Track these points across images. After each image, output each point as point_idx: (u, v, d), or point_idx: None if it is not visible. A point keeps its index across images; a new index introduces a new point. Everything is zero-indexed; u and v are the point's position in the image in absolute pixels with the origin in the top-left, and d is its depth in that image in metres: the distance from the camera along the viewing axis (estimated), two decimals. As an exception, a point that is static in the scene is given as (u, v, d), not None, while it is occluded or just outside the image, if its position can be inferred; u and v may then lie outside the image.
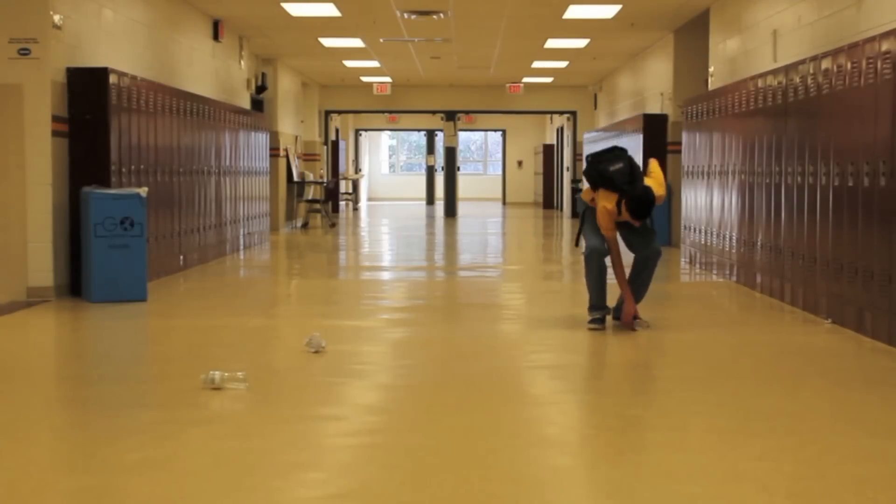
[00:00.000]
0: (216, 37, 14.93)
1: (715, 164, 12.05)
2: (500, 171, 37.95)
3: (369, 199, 37.39)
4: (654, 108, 17.22)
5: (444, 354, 7.14)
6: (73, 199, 9.67)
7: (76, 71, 9.75)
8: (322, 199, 22.32)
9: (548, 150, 31.39)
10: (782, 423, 5.16)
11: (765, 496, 4.00)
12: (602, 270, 8.05)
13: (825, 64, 8.44)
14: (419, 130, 36.72)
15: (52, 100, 9.45)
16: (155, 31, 12.25)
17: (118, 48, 10.97)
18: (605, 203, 7.84)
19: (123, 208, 9.30)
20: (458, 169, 28.54)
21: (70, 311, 8.97)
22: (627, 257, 8.15)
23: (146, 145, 10.84)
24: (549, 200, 31.24)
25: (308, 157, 23.40)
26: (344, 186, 30.04)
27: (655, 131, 16.41)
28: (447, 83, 25.84)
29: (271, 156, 18.25)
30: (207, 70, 14.60)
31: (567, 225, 23.07)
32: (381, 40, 17.61)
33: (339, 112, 28.14)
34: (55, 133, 9.51)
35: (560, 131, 29.49)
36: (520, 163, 36.91)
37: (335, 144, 27.87)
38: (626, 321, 7.91)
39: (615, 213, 7.83)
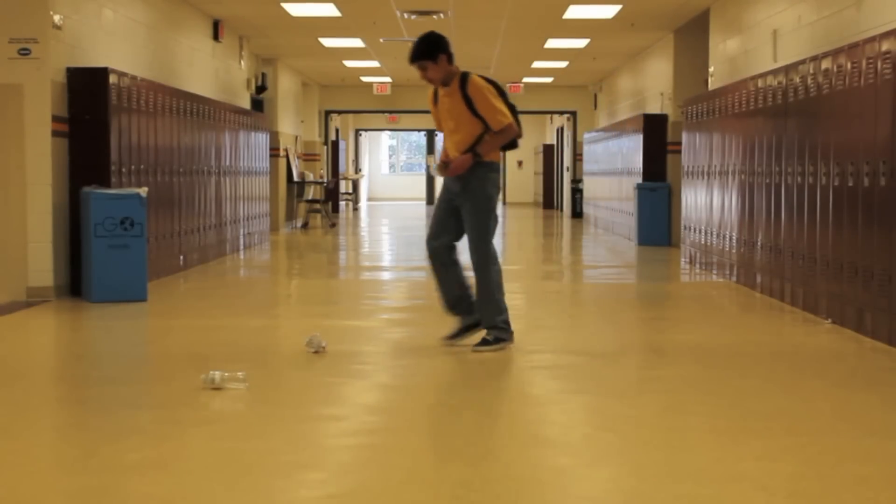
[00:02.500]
0: (216, 37, 14.93)
1: (715, 164, 12.05)
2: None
3: (369, 200, 37.39)
4: (654, 108, 17.22)
5: (443, 354, 7.13)
6: (73, 199, 9.67)
7: (76, 71, 9.75)
8: (322, 199, 22.33)
9: (548, 150, 31.39)
10: (782, 423, 5.16)
11: (765, 496, 4.00)
12: (438, 270, 7.03)
13: (825, 64, 8.44)
14: (419, 130, 36.73)
15: (52, 100, 9.44)
16: (155, 31, 12.25)
17: (118, 48, 10.97)
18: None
19: (123, 208, 9.30)
20: (458, 169, 28.47)
21: (70, 311, 8.97)
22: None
23: (146, 145, 10.84)
24: (549, 200, 31.24)
25: (308, 157, 23.40)
26: (344, 186, 30.04)
27: (655, 131, 16.42)
28: (447, 83, 25.79)
29: (271, 156, 18.25)
30: (207, 70, 14.60)
31: (567, 225, 23.07)
32: (381, 40, 17.61)
33: (339, 112, 28.13)
34: (55, 133, 9.51)
35: (560, 131, 29.49)
36: (520, 163, 36.91)
37: (335, 144, 27.87)
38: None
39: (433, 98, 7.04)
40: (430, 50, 6.79)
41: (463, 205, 6.82)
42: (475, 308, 6.94)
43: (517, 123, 6.86)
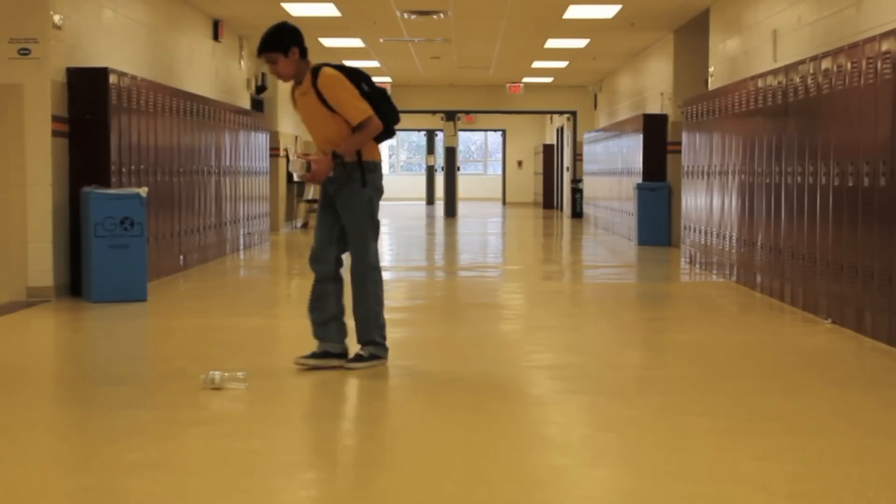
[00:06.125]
0: (216, 37, 14.93)
1: (715, 164, 12.06)
2: (500, 171, 37.96)
3: (369, 199, 37.33)
4: (654, 108, 17.22)
5: (444, 354, 7.13)
6: (73, 199, 9.67)
7: (76, 71, 9.75)
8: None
9: (548, 150, 31.40)
10: (782, 423, 5.16)
11: (765, 496, 4.00)
12: (318, 288, 6.32)
13: (825, 64, 8.44)
14: (419, 130, 36.72)
15: (52, 100, 9.44)
16: (155, 31, 12.25)
17: (118, 48, 10.97)
18: None
19: (123, 208, 9.30)
20: (458, 169, 28.54)
21: (70, 311, 8.96)
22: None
23: (146, 145, 10.84)
24: (549, 200, 31.25)
25: (308, 158, 23.39)
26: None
27: (655, 131, 16.42)
28: (447, 83, 25.84)
29: (271, 156, 18.25)
30: (207, 70, 14.59)
31: (567, 225, 23.07)
32: (381, 40, 17.61)
33: (339, 112, 28.09)
34: (55, 133, 9.51)
35: (560, 131, 29.49)
36: (520, 163, 36.91)
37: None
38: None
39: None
40: (281, 41, 6.16)
41: (342, 211, 6.28)
42: (344, 333, 6.33)
43: (391, 110, 6.27)
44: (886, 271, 7.22)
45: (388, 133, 6.36)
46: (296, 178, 6.25)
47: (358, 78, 6.21)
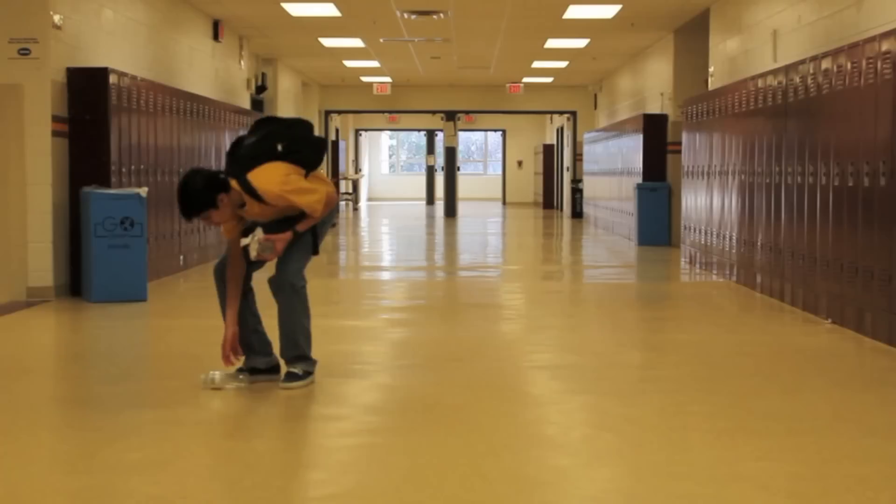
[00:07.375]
0: (216, 37, 14.92)
1: (715, 164, 12.06)
2: (500, 171, 37.96)
3: (369, 199, 37.39)
4: (654, 108, 17.22)
5: (444, 354, 7.13)
6: (73, 199, 9.67)
7: (76, 71, 9.75)
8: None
9: (548, 150, 31.40)
10: (782, 423, 5.16)
11: (765, 496, 4.00)
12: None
13: (825, 64, 8.44)
14: (419, 130, 36.72)
15: (52, 100, 9.45)
16: (155, 31, 12.25)
17: (118, 48, 10.97)
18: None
19: (123, 208, 9.30)
20: (458, 169, 28.54)
21: (70, 311, 8.96)
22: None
23: (146, 145, 10.84)
24: (549, 200, 31.25)
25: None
26: (344, 186, 30.04)
27: (655, 131, 16.43)
28: (447, 83, 25.83)
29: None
30: (207, 70, 14.59)
31: (567, 225, 23.07)
32: (381, 40, 17.61)
33: (339, 112, 28.14)
34: (55, 133, 9.51)
35: (560, 131, 29.49)
36: (520, 163, 36.91)
37: (335, 144, 27.87)
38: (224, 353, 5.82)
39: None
40: (210, 199, 5.56)
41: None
42: (267, 346, 6.09)
43: (312, 153, 5.81)
44: (886, 271, 7.23)
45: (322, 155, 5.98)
46: (252, 257, 5.99)
47: (272, 138, 5.72)
